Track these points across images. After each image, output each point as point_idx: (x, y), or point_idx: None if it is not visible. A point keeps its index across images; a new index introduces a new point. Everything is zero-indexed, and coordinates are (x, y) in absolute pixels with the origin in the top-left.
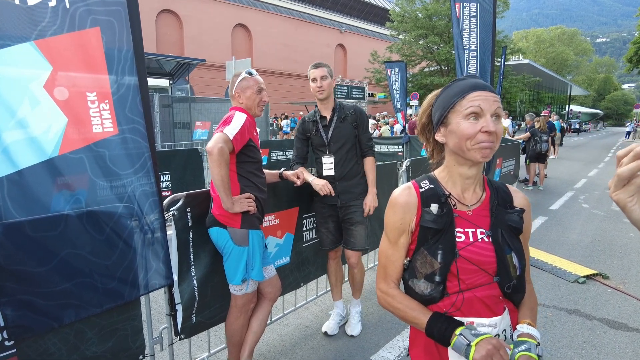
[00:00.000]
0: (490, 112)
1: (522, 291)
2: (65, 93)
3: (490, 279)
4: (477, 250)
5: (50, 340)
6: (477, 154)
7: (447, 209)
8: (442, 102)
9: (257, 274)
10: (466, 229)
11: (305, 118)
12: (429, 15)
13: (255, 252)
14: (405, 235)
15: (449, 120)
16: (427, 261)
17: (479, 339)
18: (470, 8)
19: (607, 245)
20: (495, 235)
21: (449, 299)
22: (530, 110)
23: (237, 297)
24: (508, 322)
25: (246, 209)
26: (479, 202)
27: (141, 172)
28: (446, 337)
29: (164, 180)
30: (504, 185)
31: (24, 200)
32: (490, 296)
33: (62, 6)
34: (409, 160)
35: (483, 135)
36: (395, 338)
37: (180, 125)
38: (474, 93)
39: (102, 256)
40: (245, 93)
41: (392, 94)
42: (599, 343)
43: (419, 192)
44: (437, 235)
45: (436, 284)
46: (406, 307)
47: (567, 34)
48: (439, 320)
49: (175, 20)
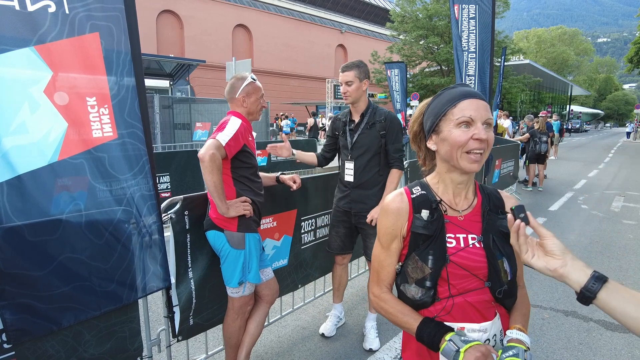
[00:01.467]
0: (482, 120)
1: (513, 296)
2: (65, 98)
3: (482, 284)
4: (468, 255)
5: (48, 342)
6: (467, 164)
7: (438, 214)
8: (434, 110)
9: (254, 277)
10: (457, 234)
11: (337, 116)
12: (430, 16)
13: (252, 255)
14: (397, 240)
15: (440, 128)
16: (418, 266)
17: (468, 345)
18: (469, 10)
19: (605, 247)
20: (486, 241)
21: (440, 303)
22: (530, 111)
23: (234, 300)
24: (499, 327)
25: (242, 212)
26: (470, 208)
27: (140, 176)
28: (435, 342)
29: (163, 182)
30: (495, 190)
31: (24, 204)
32: (482, 301)
33: (61, 12)
34: (408, 162)
35: (474, 143)
36: (392, 340)
37: (180, 126)
38: (465, 101)
39: (101, 260)
40: (250, 98)
41: (392, 94)
42: (595, 345)
43: (411, 198)
44: (428, 241)
45: (427, 289)
46: (398, 312)
47: (568, 34)
48: (429, 325)
49: (176, 21)
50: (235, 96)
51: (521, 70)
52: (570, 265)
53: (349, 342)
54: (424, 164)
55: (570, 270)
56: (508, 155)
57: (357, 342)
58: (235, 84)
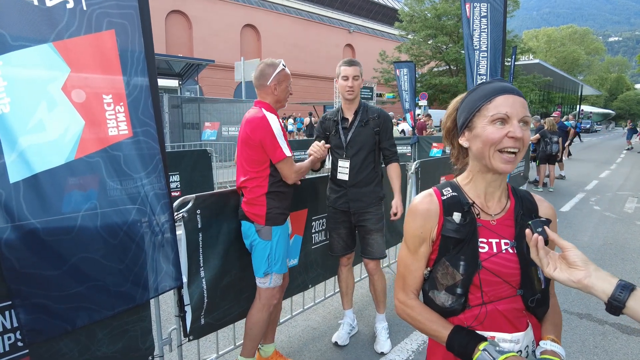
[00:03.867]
0: (518, 117)
1: (546, 305)
2: (82, 95)
3: (514, 291)
4: (500, 261)
5: (62, 341)
6: (499, 164)
7: (470, 218)
8: (468, 105)
9: (280, 268)
10: (490, 239)
11: (326, 116)
12: (438, 15)
13: (279, 247)
14: (426, 244)
15: (474, 124)
16: (448, 272)
17: (504, 356)
18: (480, 8)
19: (619, 249)
20: (519, 247)
21: (470, 311)
22: (540, 111)
23: (262, 291)
24: (531, 337)
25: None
26: (503, 212)
27: (153, 175)
28: (468, 352)
29: (173, 181)
30: (529, 194)
31: (40, 203)
32: (513, 309)
33: (79, 8)
34: (418, 162)
35: (509, 141)
36: (404, 341)
37: (189, 125)
38: (502, 97)
39: (115, 259)
40: (281, 85)
41: (400, 94)
42: (610, 348)
43: (441, 199)
44: (460, 246)
45: (458, 296)
46: (426, 319)
47: (578, 33)
48: (460, 334)
49: (185, 21)
50: (266, 83)
51: (531, 69)
52: (594, 276)
53: (359, 344)
54: (457, 161)
55: (595, 280)
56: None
57: (368, 344)
58: (266, 70)
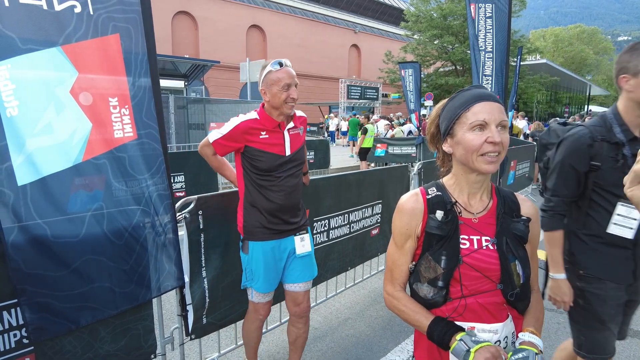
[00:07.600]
0: (495, 122)
1: (526, 299)
2: (89, 98)
3: (494, 286)
4: (481, 257)
5: (66, 339)
6: (483, 165)
7: (453, 216)
8: (448, 114)
9: (259, 286)
10: (471, 236)
11: (594, 134)
12: (444, 15)
13: (254, 263)
14: (411, 240)
15: (454, 131)
16: (430, 266)
17: (478, 346)
18: (485, 9)
19: None
20: (500, 243)
21: (451, 303)
22: (547, 111)
23: (249, 302)
24: (511, 329)
25: None
26: (485, 210)
27: (157, 176)
28: (445, 341)
29: (178, 182)
30: (512, 193)
31: (47, 206)
32: (493, 303)
33: (86, 12)
34: (420, 163)
35: (489, 146)
36: (404, 342)
37: (195, 126)
38: (479, 104)
39: (120, 260)
40: (271, 90)
41: (405, 94)
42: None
43: (426, 198)
44: (442, 242)
45: (439, 288)
46: (410, 310)
47: (586, 33)
48: (440, 324)
49: (191, 22)
50: (259, 88)
51: (537, 70)
52: None
53: (360, 344)
54: (442, 164)
55: None
56: (523, 157)
57: (368, 344)
58: (258, 73)
